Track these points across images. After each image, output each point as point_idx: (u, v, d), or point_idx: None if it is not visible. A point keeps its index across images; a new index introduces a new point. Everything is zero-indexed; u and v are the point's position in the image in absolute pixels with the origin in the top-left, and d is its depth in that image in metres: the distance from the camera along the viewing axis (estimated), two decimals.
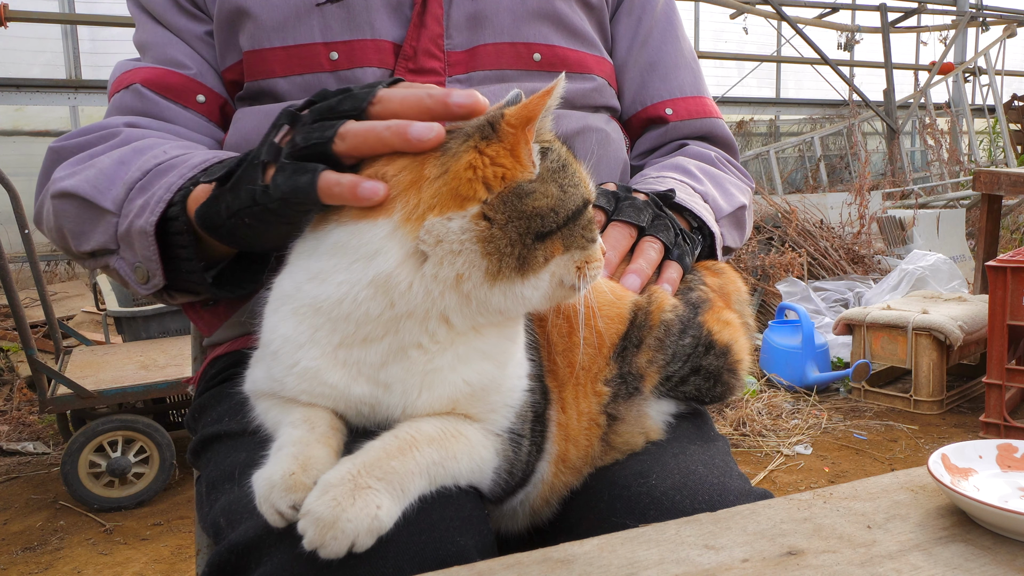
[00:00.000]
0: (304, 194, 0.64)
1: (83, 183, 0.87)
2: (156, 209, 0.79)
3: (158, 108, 1.01)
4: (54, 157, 0.96)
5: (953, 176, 8.84)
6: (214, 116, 1.05)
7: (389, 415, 0.69)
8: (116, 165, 0.87)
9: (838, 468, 3.02)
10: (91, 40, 6.72)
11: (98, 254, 0.89)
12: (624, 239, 0.89)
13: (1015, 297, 3.03)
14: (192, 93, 1.03)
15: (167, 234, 0.80)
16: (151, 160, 0.84)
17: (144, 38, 1.06)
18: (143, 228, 0.79)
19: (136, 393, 2.84)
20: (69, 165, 0.92)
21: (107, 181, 0.86)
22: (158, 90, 1.01)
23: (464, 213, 0.62)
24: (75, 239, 0.90)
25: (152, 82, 1.01)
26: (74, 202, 0.88)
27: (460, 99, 0.63)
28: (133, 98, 1.01)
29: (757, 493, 0.78)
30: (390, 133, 0.62)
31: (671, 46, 1.19)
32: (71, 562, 2.44)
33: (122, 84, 1.03)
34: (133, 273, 0.85)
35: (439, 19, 1.02)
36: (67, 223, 0.90)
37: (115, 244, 0.85)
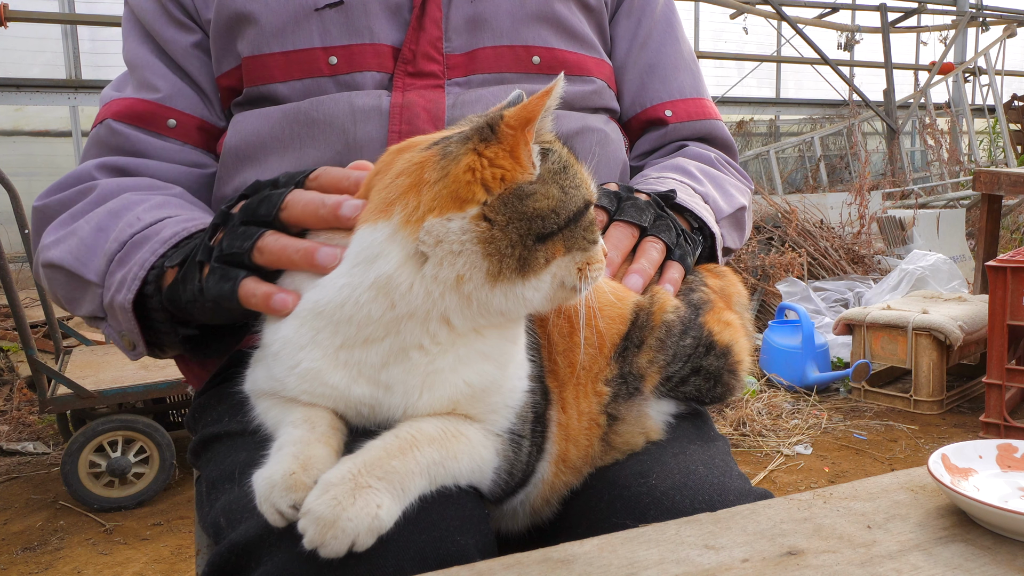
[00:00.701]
0: (228, 299, 0.72)
1: (67, 255, 0.90)
2: (132, 287, 0.82)
3: (129, 142, 1.03)
4: (40, 217, 0.99)
5: (953, 176, 8.84)
6: (189, 138, 1.05)
7: (390, 416, 0.69)
8: (95, 234, 0.90)
9: (838, 468, 3.02)
10: (91, 40, 6.72)
11: (91, 319, 0.93)
12: (626, 239, 0.89)
13: (1015, 297, 3.03)
14: (161, 119, 1.03)
15: (145, 307, 0.84)
16: (127, 229, 0.88)
17: (127, 57, 1.08)
18: (122, 304, 0.83)
19: (136, 393, 2.84)
20: (54, 229, 0.95)
21: (88, 253, 0.89)
22: (129, 121, 1.03)
23: (464, 214, 0.62)
24: (69, 304, 0.94)
25: (121, 114, 1.03)
26: (62, 272, 0.91)
27: (348, 211, 0.68)
28: (107, 134, 1.03)
29: (757, 493, 0.78)
30: (299, 257, 0.69)
31: (670, 48, 1.19)
32: (71, 562, 2.44)
33: (98, 119, 1.06)
34: (120, 340, 0.89)
35: (438, 22, 1.02)
36: (59, 291, 0.94)
37: (102, 313, 0.89)
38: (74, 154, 6.86)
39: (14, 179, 2.87)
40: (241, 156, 1.00)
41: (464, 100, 1.00)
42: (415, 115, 0.98)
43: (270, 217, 0.72)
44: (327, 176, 0.73)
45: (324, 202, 0.69)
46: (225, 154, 1.02)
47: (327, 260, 0.67)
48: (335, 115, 0.97)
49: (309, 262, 0.68)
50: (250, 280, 0.71)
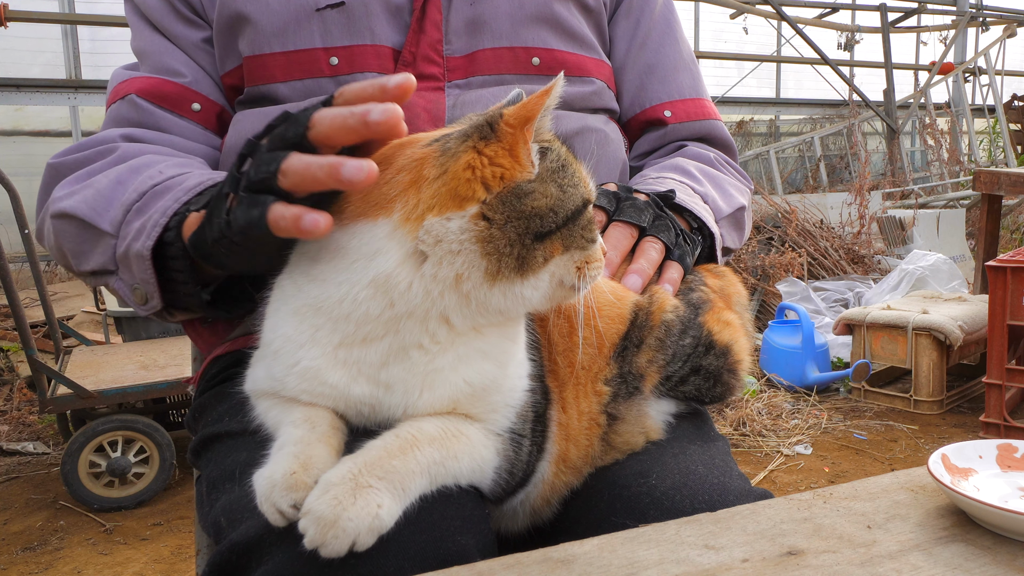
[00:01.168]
0: (257, 227, 0.65)
1: (81, 204, 0.87)
2: (152, 233, 0.79)
3: (154, 118, 1.01)
4: (53, 173, 0.96)
5: (953, 176, 8.84)
6: (210, 124, 1.05)
7: (390, 415, 0.69)
8: (113, 185, 0.87)
9: (838, 468, 3.02)
10: (91, 40, 6.72)
11: (98, 273, 0.90)
12: (625, 239, 0.89)
13: (1015, 297, 3.03)
14: (187, 102, 1.03)
15: (164, 257, 0.81)
16: (147, 181, 0.85)
17: (141, 45, 1.07)
18: (140, 252, 0.80)
19: (136, 393, 2.84)
20: (68, 183, 0.92)
21: (105, 202, 0.86)
22: (154, 100, 1.02)
23: (463, 213, 0.62)
24: (75, 259, 0.91)
25: (147, 92, 1.02)
26: (73, 223, 0.88)
27: (377, 116, 0.63)
28: (129, 109, 1.02)
29: (757, 493, 0.78)
30: (324, 174, 0.62)
31: (670, 48, 1.19)
32: (71, 562, 2.44)
33: (119, 95, 1.03)
34: (132, 294, 0.85)
35: (438, 25, 1.02)
36: (67, 243, 0.91)
37: (114, 265, 0.86)
38: None
39: (14, 179, 2.87)
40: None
41: (464, 101, 1.01)
42: (415, 115, 0.98)
43: (298, 138, 0.66)
44: (351, 90, 0.67)
45: (352, 111, 0.63)
46: (225, 153, 1.02)
47: (354, 174, 0.61)
48: None
49: (335, 177, 0.62)
50: (279, 204, 0.64)
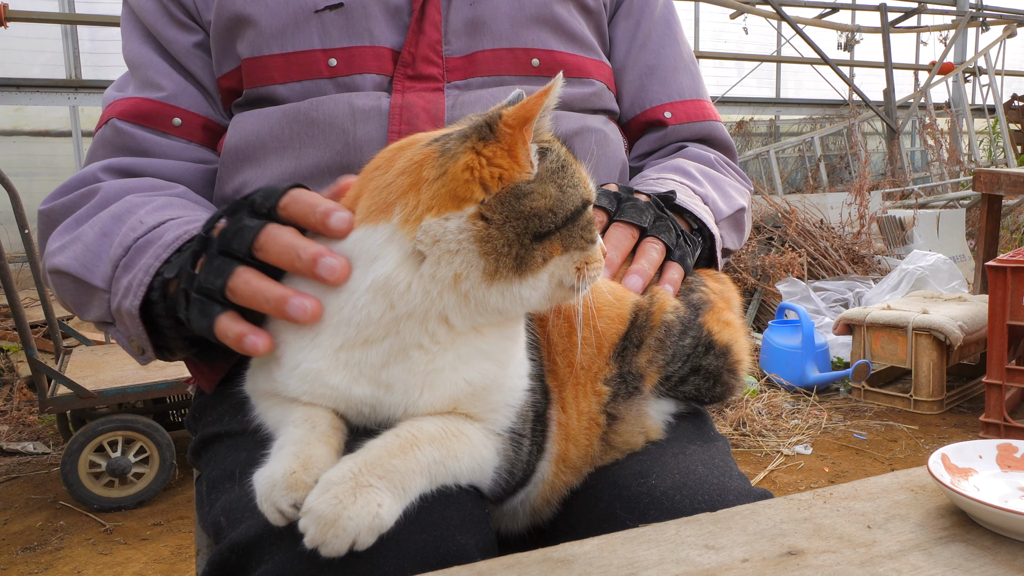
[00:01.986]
0: (207, 335, 0.70)
1: (73, 261, 0.89)
2: (139, 293, 0.81)
3: (135, 141, 1.02)
4: (45, 221, 0.98)
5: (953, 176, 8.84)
6: (194, 136, 1.05)
7: (390, 415, 0.69)
8: (100, 239, 0.90)
9: (838, 468, 3.02)
10: (91, 40, 6.71)
11: (100, 323, 0.92)
12: (626, 240, 0.89)
13: (1015, 297, 3.03)
14: (167, 118, 1.03)
15: (152, 314, 0.83)
16: (130, 234, 0.87)
17: (128, 56, 1.08)
18: (129, 310, 0.82)
19: (136, 393, 2.84)
20: (59, 235, 0.95)
21: (94, 258, 0.89)
22: (134, 120, 1.03)
23: (461, 213, 0.62)
24: (78, 310, 0.94)
25: (127, 113, 1.03)
26: (69, 279, 0.90)
27: (324, 271, 0.65)
28: (112, 134, 1.03)
29: (757, 493, 0.78)
30: (270, 307, 0.67)
31: (670, 49, 1.19)
32: (71, 562, 2.44)
33: (103, 120, 1.05)
34: (129, 345, 0.88)
35: (437, 25, 1.02)
36: (67, 297, 0.94)
37: (111, 318, 0.88)
38: (74, 154, 6.86)
39: (14, 179, 2.87)
40: (241, 156, 1.00)
41: (463, 101, 1.00)
42: (415, 115, 0.98)
43: (243, 254, 0.69)
44: (296, 207, 0.69)
45: (299, 255, 0.66)
46: (225, 154, 1.02)
47: (298, 314, 0.65)
48: (335, 115, 0.97)
49: (280, 312, 0.66)
50: (225, 318, 0.69)
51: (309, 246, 0.66)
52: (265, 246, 0.68)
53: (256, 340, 0.67)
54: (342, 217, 0.66)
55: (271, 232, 0.68)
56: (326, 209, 0.67)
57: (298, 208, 0.69)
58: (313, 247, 0.66)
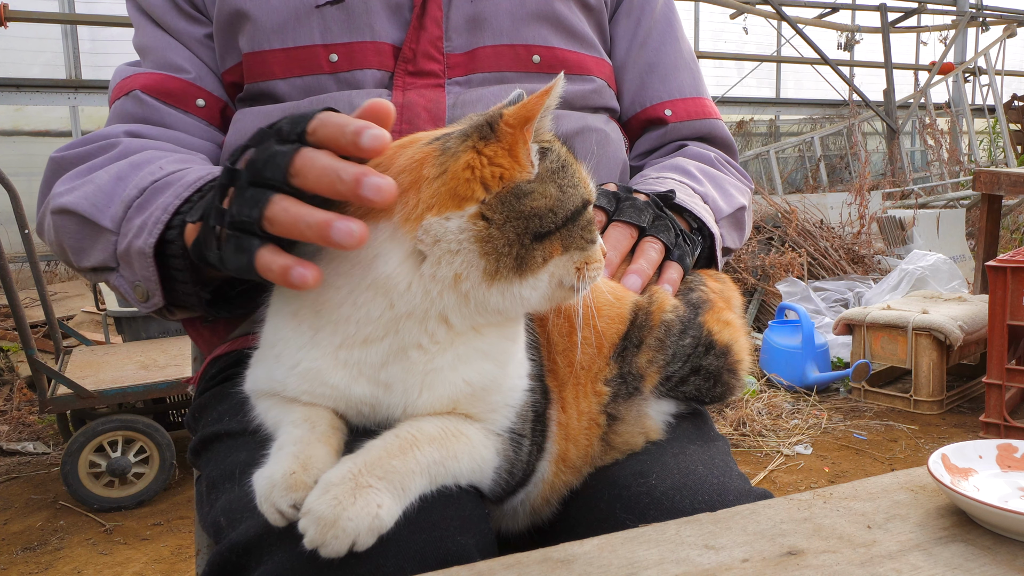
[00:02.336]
0: (247, 272, 0.65)
1: (81, 200, 0.86)
2: (154, 231, 0.78)
3: (159, 114, 1.01)
4: (55, 168, 0.95)
5: (953, 176, 8.84)
6: (214, 120, 1.05)
7: (390, 415, 0.69)
8: (114, 181, 0.86)
9: (838, 468, 3.02)
10: (91, 40, 6.71)
11: (99, 270, 0.89)
12: (625, 239, 0.89)
13: (1015, 297, 3.03)
14: (192, 98, 1.03)
15: (165, 255, 0.80)
16: (148, 177, 0.84)
17: (143, 42, 1.06)
18: (141, 249, 0.79)
19: (136, 393, 2.84)
20: (69, 179, 0.91)
21: (105, 198, 0.85)
22: (158, 96, 1.01)
23: (462, 213, 0.62)
24: (75, 255, 0.90)
25: (152, 88, 1.01)
26: (73, 219, 0.87)
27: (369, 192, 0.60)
28: (134, 105, 1.01)
29: (757, 493, 0.78)
30: (312, 232, 0.61)
31: (670, 47, 1.19)
32: (71, 562, 2.44)
33: (123, 91, 1.03)
34: (132, 291, 0.84)
35: (438, 21, 1.02)
36: (67, 239, 0.90)
37: (114, 262, 0.85)
38: None
39: (14, 179, 2.87)
40: None
41: (464, 99, 1.00)
42: (416, 115, 0.98)
43: (278, 182, 0.63)
44: (325, 129, 0.64)
45: (340, 176, 0.60)
46: (225, 152, 1.02)
47: (343, 238, 0.60)
48: None
49: (323, 238, 0.60)
50: (266, 252, 0.64)
51: (350, 166, 0.61)
52: (302, 170, 0.63)
53: (304, 272, 0.62)
54: (374, 135, 0.61)
55: (306, 155, 0.63)
56: (357, 128, 0.61)
57: (327, 131, 0.63)
58: (354, 167, 0.61)
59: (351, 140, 0.61)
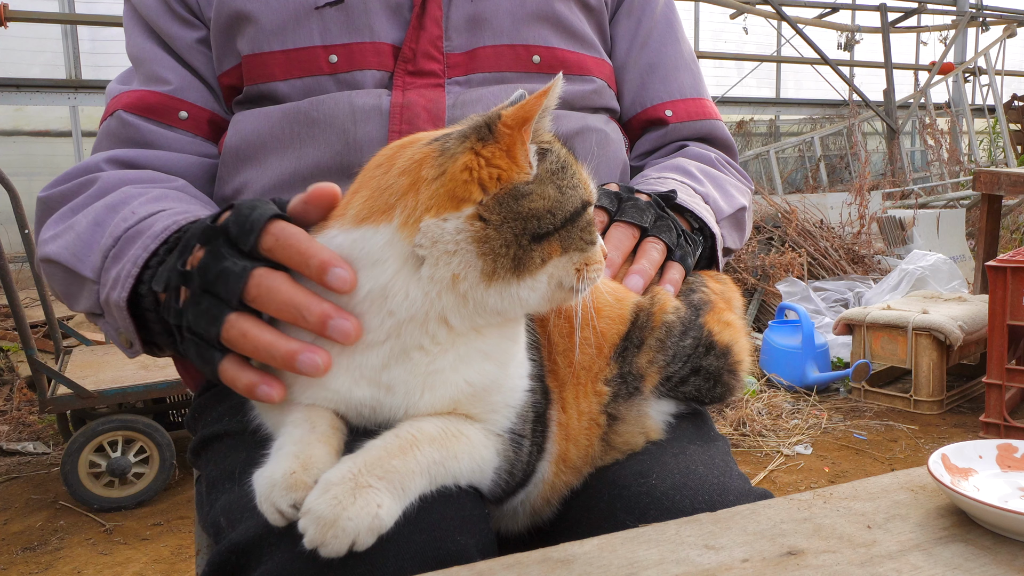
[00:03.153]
0: (213, 379, 0.68)
1: (63, 251, 0.89)
2: (126, 284, 0.80)
3: (140, 133, 1.02)
4: (43, 208, 0.98)
5: (953, 176, 8.84)
6: (200, 130, 1.05)
7: (391, 416, 0.69)
8: (92, 228, 0.89)
9: (838, 468, 3.02)
10: (91, 40, 6.72)
11: (90, 314, 0.91)
12: (627, 239, 0.89)
13: (1015, 297, 3.03)
14: (173, 111, 1.03)
15: (139, 307, 0.81)
16: (121, 224, 0.85)
17: (133, 52, 1.07)
18: (117, 302, 0.81)
19: (136, 393, 2.84)
20: (53, 223, 0.94)
21: (85, 248, 0.88)
22: (140, 112, 1.02)
23: (459, 214, 0.62)
24: (67, 300, 0.93)
25: (133, 106, 1.02)
26: (59, 269, 0.90)
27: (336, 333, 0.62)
28: (118, 126, 1.02)
29: (757, 493, 0.78)
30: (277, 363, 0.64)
31: (671, 48, 1.19)
32: (71, 562, 2.44)
33: (109, 112, 1.05)
34: (118, 337, 0.87)
35: (438, 21, 1.02)
36: (57, 286, 0.93)
37: (100, 309, 0.87)
38: (74, 154, 6.86)
39: (14, 179, 2.87)
40: (241, 156, 1.00)
41: (464, 99, 1.00)
42: (415, 115, 0.98)
43: (233, 301, 0.65)
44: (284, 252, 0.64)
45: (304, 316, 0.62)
46: (225, 154, 1.02)
47: (310, 369, 0.62)
48: (335, 115, 0.97)
49: (289, 368, 0.63)
50: (229, 365, 0.66)
51: (313, 305, 0.62)
52: (259, 299, 0.64)
53: (269, 391, 0.65)
54: (341, 277, 0.62)
55: (262, 283, 0.64)
56: (321, 262, 0.62)
57: (286, 255, 0.64)
58: (318, 305, 0.62)
59: (316, 276, 0.63)
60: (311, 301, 0.63)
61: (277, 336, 0.64)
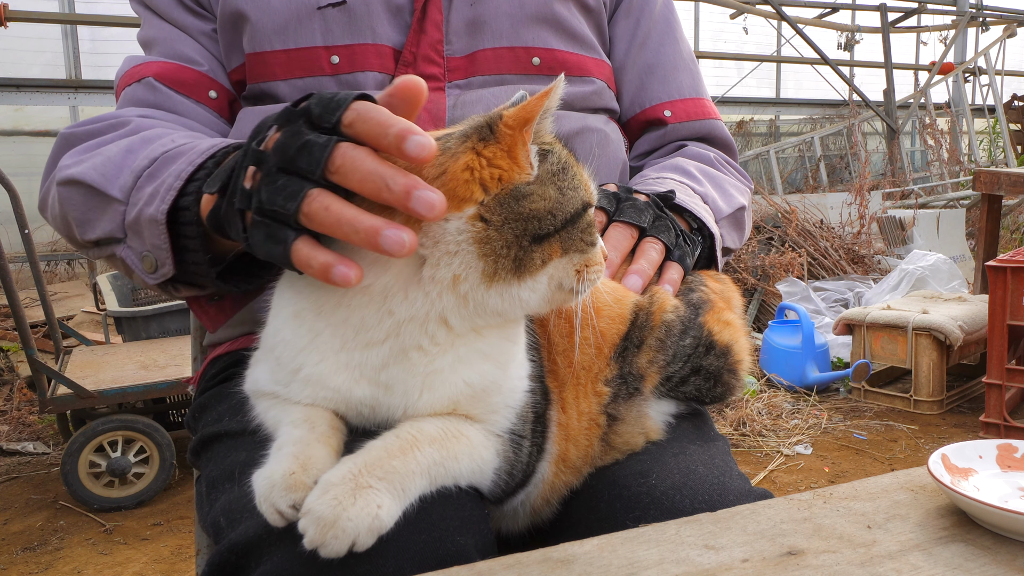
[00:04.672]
0: (280, 261, 0.63)
1: (90, 170, 0.85)
2: (167, 197, 0.76)
3: (171, 102, 1.00)
4: (63, 143, 0.94)
5: (953, 176, 8.84)
6: (224, 112, 1.06)
7: (390, 416, 0.69)
8: (124, 153, 0.85)
9: (838, 468, 3.02)
10: (91, 40, 6.72)
11: (103, 243, 0.87)
12: (626, 240, 0.89)
13: (1015, 297, 3.03)
14: (205, 89, 1.03)
15: (176, 223, 0.78)
16: (159, 148, 0.82)
17: (151, 34, 1.06)
18: (153, 216, 0.77)
19: (136, 393, 2.84)
20: (76, 153, 0.90)
21: (115, 169, 0.84)
22: (171, 84, 1.01)
23: (460, 214, 0.62)
24: (80, 227, 0.88)
25: (165, 76, 1.01)
26: (80, 189, 0.86)
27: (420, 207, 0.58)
28: (146, 91, 1.01)
29: (757, 493, 0.78)
30: (359, 238, 0.59)
31: (669, 48, 1.19)
32: (71, 562, 2.44)
33: (134, 77, 1.02)
34: (140, 262, 0.82)
35: (439, 25, 1.02)
36: (72, 211, 0.88)
37: (122, 233, 0.84)
38: None
39: (14, 179, 2.87)
40: None
41: (465, 100, 1.01)
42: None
43: (314, 175, 0.60)
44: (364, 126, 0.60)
45: (389, 185, 0.58)
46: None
47: (393, 247, 0.57)
48: None
49: (371, 244, 0.58)
50: (303, 245, 0.61)
51: (399, 175, 0.58)
52: (342, 169, 0.60)
53: (347, 272, 0.59)
54: (420, 143, 0.58)
55: (347, 153, 0.60)
56: (401, 130, 0.58)
57: (367, 127, 0.60)
58: (403, 176, 0.58)
59: (394, 144, 0.59)
60: (396, 172, 0.59)
61: (360, 211, 0.60)
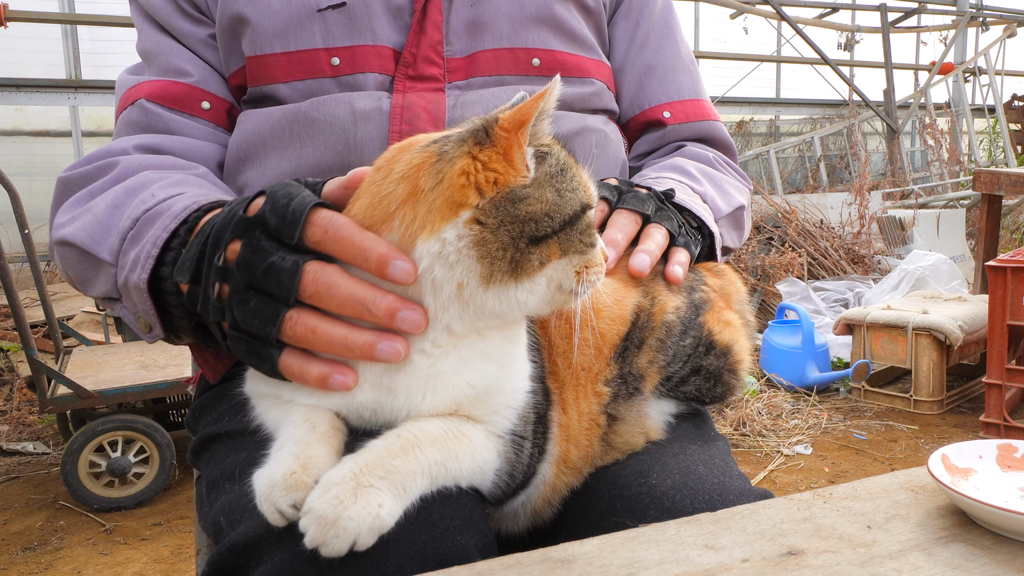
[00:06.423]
0: (269, 375, 0.67)
1: (80, 232, 0.87)
2: (147, 266, 0.78)
3: (163, 121, 1.01)
4: (62, 189, 0.96)
5: (953, 176, 8.84)
6: (221, 121, 1.05)
7: (392, 418, 0.69)
8: (110, 211, 0.87)
9: (838, 468, 3.02)
10: (91, 40, 6.71)
11: (106, 299, 0.90)
12: (631, 224, 0.89)
13: (1015, 297, 3.03)
14: (196, 101, 1.03)
15: (160, 290, 0.80)
16: (140, 206, 0.84)
17: (146, 46, 1.07)
18: (136, 284, 0.79)
19: (136, 393, 2.84)
20: (70, 206, 0.92)
21: (102, 230, 0.86)
22: (162, 102, 1.02)
23: (457, 220, 0.62)
24: (82, 284, 0.91)
25: (156, 95, 1.02)
26: (74, 251, 0.88)
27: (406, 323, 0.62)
28: (139, 114, 1.02)
29: (757, 493, 0.78)
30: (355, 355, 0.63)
31: (669, 49, 1.19)
32: (71, 562, 2.44)
33: (128, 101, 1.04)
34: (136, 321, 0.85)
35: (439, 26, 1.02)
36: (71, 270, 0.91)
37: (117, 293, 0.86)
38: (74, 154, 6.86)
39: (14, 179, 2.87)
40: (243, 156, 1.01)
41: (465, 100, 1.01)
42: (416, 116, 0.98)
43: (289, 300, 0.63)
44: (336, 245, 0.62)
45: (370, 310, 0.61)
46: (230, 154, 1.02)
47: (391, 357, 0.62)
48: (336, 115, 0.97)
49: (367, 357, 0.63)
50: (292, 359, 0.65)
51: (379, 298, 0.61)
52: (317, 296, 0.62)
53: (344, 379, 0.64)
54: (405, 269, 0.61)
55: (319, 279, 0.62)
56: (380, 256, 0.61)
57: (341, 250, 0.62)
58: (383, 299, 0.61)
59: (376, 270, 0.61)
60: (375, 295, 0.61)
61: (349, 328, 0.62)
